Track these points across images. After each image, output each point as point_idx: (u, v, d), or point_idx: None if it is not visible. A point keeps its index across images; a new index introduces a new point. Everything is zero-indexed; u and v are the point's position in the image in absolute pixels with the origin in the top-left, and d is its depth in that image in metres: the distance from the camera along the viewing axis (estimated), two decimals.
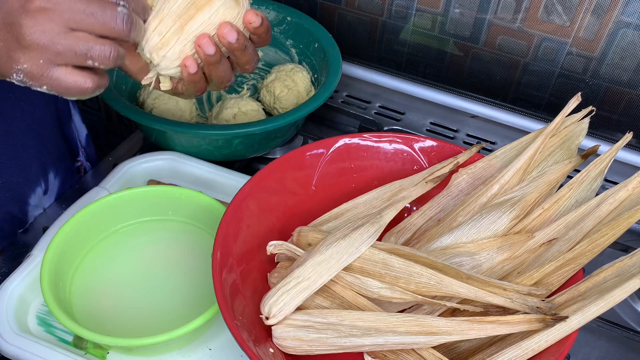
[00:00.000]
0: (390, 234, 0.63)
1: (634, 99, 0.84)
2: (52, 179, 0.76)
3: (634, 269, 0.52)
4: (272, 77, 0.84)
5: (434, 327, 0.51)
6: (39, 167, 0.74)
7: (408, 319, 0.52)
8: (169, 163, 0.75)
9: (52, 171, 0.76)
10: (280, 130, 0.75)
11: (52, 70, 0.45)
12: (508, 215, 0.58)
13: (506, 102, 0.91)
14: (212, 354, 0.60)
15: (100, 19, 0.45)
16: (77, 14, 0.44)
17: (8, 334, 0.58)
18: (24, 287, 0.61)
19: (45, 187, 0.75)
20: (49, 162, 0.75)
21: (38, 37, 0.44)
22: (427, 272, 0.53)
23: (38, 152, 0.73)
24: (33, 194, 0.74)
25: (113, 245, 0.66)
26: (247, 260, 0.58)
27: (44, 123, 0.73)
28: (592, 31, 0.80)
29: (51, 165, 0.76)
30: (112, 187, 0.71)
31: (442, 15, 0.88)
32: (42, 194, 0.75)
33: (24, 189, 0.72)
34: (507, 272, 0.57)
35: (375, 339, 0.51)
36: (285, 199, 0.63)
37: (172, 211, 0.68)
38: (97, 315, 0.60)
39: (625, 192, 0.56)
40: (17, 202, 0.72)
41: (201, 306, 0.57)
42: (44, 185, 0.75)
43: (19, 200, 0.72)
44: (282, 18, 0.88)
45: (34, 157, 0.73)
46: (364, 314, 0.52)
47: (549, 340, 0.51)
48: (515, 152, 0.63)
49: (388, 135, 0.66)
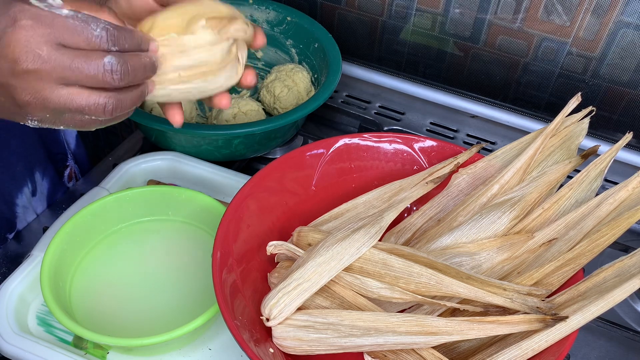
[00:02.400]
0: (390, 234, 0.63)
1: (634, 99, 0.84)
2: (39, 180, 0.76)
3: (634, 269, 0.52)
4: (272, 77, 0.84)
5: (434, 327, 0.51)
6: (24, 167, 0.73)
7: (408, 319, 0.52)
8: (169, 163, 0.75)
9: (38, 172, 0.76)
10: (280, 130, 0.75)
11: (62, 117, 0.45)
12: (508, 215, 0.58)
13: (506, 102, 0.91)
14: (212, 354, 0.60)
15: (86, 72, 0.43)
16: (64, 70, 0.43)
17: (8, 334, 0.58)
18: (24, 287, 0.61)
19: (33, 187, 0.75)
20: (34, 162, 0.75)
21: (30, 98, 0.43)
22: (427, 272, 0.53)
23: (22, 151, 0.73)
24: (20, 194, 0.73)
25: (113, 245, 0.66)
26: (247, 260, 0.58)
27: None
28: (592, 31, 0.80)
29: (37, 166, 0.75)
30: (112, 187, 0.71)
31: (442, 15, 0.88)
32: (30, 194, 0.75)
33: (9, 187, 0.72)
34: (507, 272, 0.57)
35: (375, 339, 0.51)
36: (285, 199, 0.63)
37: (172, 211, 0.68)
38: (97, 315, 0.60)
39: (625, 192, 0.56)
40: (4, 202, 0.72)
41: (201, 306, 0.57)
42: (30, 186, 0.74)
43: (6, 200, 0.72)
44: (282, 18, 0.88)
45: (18, 155, 0.72)
46: (363, 314, 0.52)
47: (549, 340, 0.51)
48: (515, 152, 0.63)
49: (388, 135, 0.66)
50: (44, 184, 0.77)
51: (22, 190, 0.74)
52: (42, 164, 0.76)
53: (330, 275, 0.53)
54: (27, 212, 0.75)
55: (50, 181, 0.78)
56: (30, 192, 0.75)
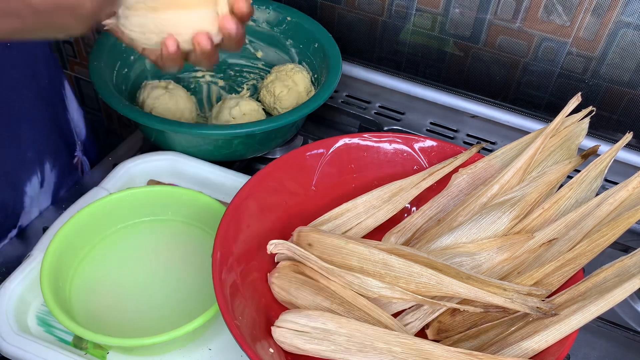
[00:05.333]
0: (390, 234, 0.63)
1: (634, 99, 0.84)
2: (48, 171, 0.75)
3: (634, 269, 0.52)
4: (272, 77, 0.84)
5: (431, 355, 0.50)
6: (34, 155, 0.73)
7: (405, 340, 0.51)
8: (169, 163, 0.75)
9: (48, 162, 0.75)
10: (280, 130, 0.75)
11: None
12: (508, 215, 0.58)
13: (506, 102, 0.91)
14: (212, 354, 0.60)
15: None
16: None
17: (8, 334, 0.58)
18: (24, 287, 0.61)
19: (42, 177, 0.75)
20: (44, 151, 0.75)
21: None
22: (427, 272, 0.53)
23: (33, 139, 0.73)
24: (29, 182, 0.73)
25: (113, 245, 0.66)
26: (247, 260, 0.58)
27: (38, 110, 0.73)
28: (592, 31, 0.80)
29: (47, 156, 0.75)
30: (112, 187, 0.71)
31: (442, 15, 0.88)
32: (38, 185, 0.74)
33: (19, 173, 0.72)
34: (507, 272, 0.57)
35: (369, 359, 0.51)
36: (285, 199, 0.63)
37: (172, 211, 0.68)
38: (97, 315, 0.60)
39: (625, 192, 0.56)
40: (12, 189, 0.71)
41: (201, 306, 0.57)
42: (40, 176, 0.74)
43: (15, 187, 0.71)
44: (282, 18, 0.88)
45: (29, 143, 0.72)
46: (362, 325, 0.52)
47: (548, 341, 0.51)
48: (515, 152, 0.63)
49: (388, 135, 0.66)
50: (52, 175, 0.77)
51: (31, 179, 0.73)
52: (52, 154, 0.76)
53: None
54: (33, 205, 0.74)
55: (58, 174, 0.78)
56: (39, 182, 0.75)
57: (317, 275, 0.57)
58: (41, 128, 0.74)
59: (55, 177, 0.77)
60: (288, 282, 0.57)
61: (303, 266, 0.58)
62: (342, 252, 0.56)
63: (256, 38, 0.90)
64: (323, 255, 0.57)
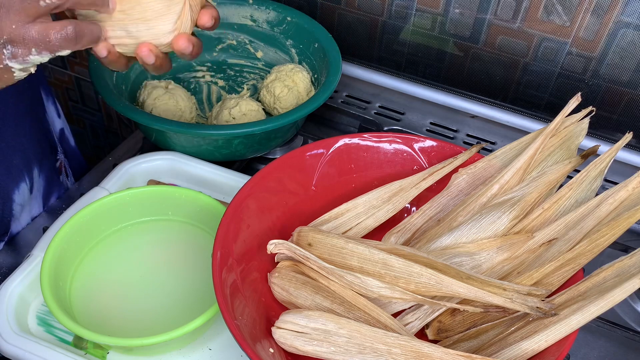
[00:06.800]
0: (390, 234, 0.63)
1: (634, 99, 0.84)
2: (36, 177, 0.75)
3: (634, 269, 0.52)
4: (272, 77, 0.84)
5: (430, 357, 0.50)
6: (22, 161, 0.72)
7: (404, 342, 0.51)
8: (169, 163, 0.75)
9: (36, 167, 0.75)
10: (280, 130, 0.75)
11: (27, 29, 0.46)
12: (508, 215, 0.58)
13: (506, 102, 0.91)
14: (212, 354, 0.60)
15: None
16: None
17: (8, 334, 0.58)
18: (24, 287, 0.61)
19: (30, 184, 0.74)
20: (32, 157, 0.74)
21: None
22: (427, 272, 0.53)
23: (20, 145, 0.72)
24: (17, 190, 0.72)
25: (113, 245, 0.66)
26: (247, 260, 0.58)
27: (21, 114, 0.72)
28: (592, 31, 0.80)
29: (35, 161, 0.74)
30: (112, 187, 0.71)
31: (442, 15, 0.88)
32: (27, 191, 0.73)
33: (6, 181, 0.71)
34: (507, 272, 0.57)
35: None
36: (285, 199, 0.63)
37: (172, 211, 0.68)
38: (97, 315, 0.60)
39: (625, 192, 0.56)
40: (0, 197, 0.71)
41: (201, 306, 0.57)
42: (28, 182, 0.73)
43: (2, 195, 0.70)
44: (282, 18, 0.88)
45: (15, 149, 0.71)
46: (362, 326, 0.52)
47: (548, 341, 0.51)
48: (515, 152, 0.63)
49: (388, 135, 0.66)
50: (40, 181, 0.76)
51: (19, 186, 0.72)
52: (38, 159, 0.75)
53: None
54: (23, 212, 0.74)
55: (46, 178, 0.77)
56: (29, 188, 0.74)
57: (317, 275, 0.57)
58: (26, 132, 0.73)
59: (43, 182, 0.77)
60: (288, 282, 0.57)
61: (303, 266, 0.58)
62: (342, 252, 0.56)
63: (256, 38, 0.90)
64: (323, 255, 0.57)
